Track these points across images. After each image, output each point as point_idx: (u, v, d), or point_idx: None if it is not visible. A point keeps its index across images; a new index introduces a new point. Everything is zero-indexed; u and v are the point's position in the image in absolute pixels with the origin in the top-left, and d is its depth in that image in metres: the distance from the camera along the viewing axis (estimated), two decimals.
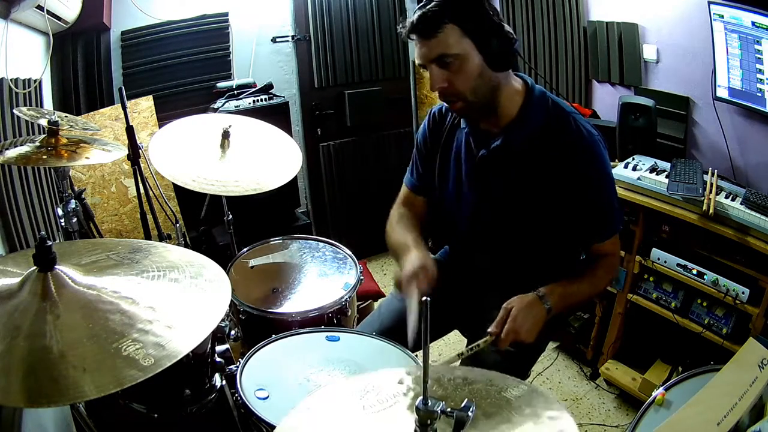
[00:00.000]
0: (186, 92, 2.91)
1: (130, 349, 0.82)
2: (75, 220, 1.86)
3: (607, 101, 2.81)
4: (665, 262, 2.19)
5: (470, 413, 0.78)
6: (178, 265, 1.05)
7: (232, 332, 1.49)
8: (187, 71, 2.89)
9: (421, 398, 0.77)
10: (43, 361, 0.78)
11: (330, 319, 1.69)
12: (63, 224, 1.87)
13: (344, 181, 3.53)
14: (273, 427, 1.05)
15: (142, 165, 1.88)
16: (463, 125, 1.46)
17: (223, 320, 1.43)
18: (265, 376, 1.28)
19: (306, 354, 1.37)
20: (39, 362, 0.78)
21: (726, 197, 2.03)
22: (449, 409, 0.78)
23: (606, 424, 2.33)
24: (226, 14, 2.94)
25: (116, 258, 1.04)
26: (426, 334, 0.75)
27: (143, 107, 2.72)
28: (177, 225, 2.00)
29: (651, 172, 2.23)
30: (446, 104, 1.40)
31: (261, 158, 1.88)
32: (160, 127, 2.04)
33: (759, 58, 2.05)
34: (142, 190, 1.96)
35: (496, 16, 1.27)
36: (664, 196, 2.12)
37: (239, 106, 2.74)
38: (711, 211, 1.96)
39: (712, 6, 2.13)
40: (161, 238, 2.13)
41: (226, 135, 1.85)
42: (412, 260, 1.36)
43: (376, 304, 2.76)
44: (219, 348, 1.35)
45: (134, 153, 1.82)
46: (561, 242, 1.47)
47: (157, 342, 0.84)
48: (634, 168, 2.28)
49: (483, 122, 1.41)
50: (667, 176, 2.17)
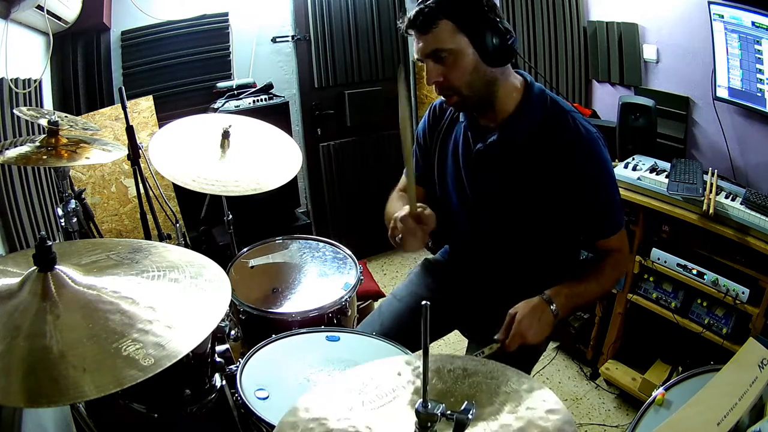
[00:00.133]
0: (186, 92, 2.91)
1: (130, 349, 0.82)
2: (75, 220, 1.86)
3: (607, 101, 2.81)
4: (665, 262, 2.19)
5: (470, 416, 0.78)
6: (178, 265, 1.05)
7: (232, 332, 1.49)
8: (187, 71, 2.89)
9: (421, 401, 0.77)
10: (43, 361, 0.78)
11: (330, 319, 1.69)
12: (63, 224, 1.87)
13: (344, 181, 3.52)
14: (273, 427, 1.05)
15: (142, 165, 1.88)
16: (462, 119, 1.47)
17: (223, 320, 1.43)
18: (265, 376, 1.28)
19: (306, 354, 1.37)
20: (39, 362, 0.78)
21: (726, 197, 2.03)
22: (449, 412, 0.78)
23: (606, 424, 2.33)
24: (226, 14, 2.95)
25: (116, 258, 1.04)
26: (426, 336, 0.75)
27: (143, 107, 2.72)
28: (177, 225, 2.00)
29: (651, 172, 2.23)
30: (443, 98, 1.40)
31: (261, 158, 1.88)
32: (160, 127, 2.04)
33: (759, 58, 2.05)
34: (142, 190, 1.96)
35: (493, 12, 1.28)
36: (664, 196, 2.12)
37: (239, 106, 2.74)
38: (711, 211, 1.96)
39: (712, 6, 2.13)
40: (161, 238, 2.13)
41: (226, 135, 1.85)
42: (408, 207, 1.31)
43: (376, 304, 2.76)
44: (219, 348, 1.35)
45: (134, 153, 1.83)
46: (560, 239, 1.47)
47: (157, 342, 0.84)
48: (634, 168, 2.28)
49: (481, 117, 1.42)
50: (667, 176, 2.17)
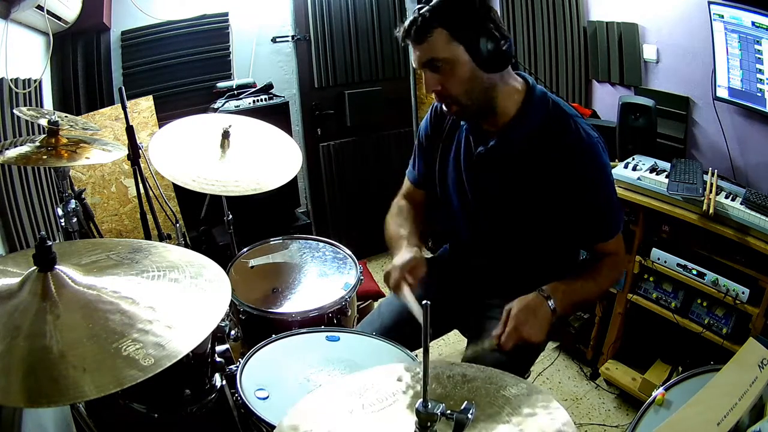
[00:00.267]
0: (186, 92, 2.91)
1: (130, 349, 0.82)
2: (75, 220, 1.86)
3: (607, 101, 2.81)
4: (665, 262, 2.19)
5: (470, 415, 0.78)
6: (178, 265, 1.05)
7: (232, 332, 1.49)
8: (187, 71, 2.89)
9: (421, 401, 0.77)
10: (43, 361, 0.78)
11: (330, 319, 1.69)
12: (63, 224, 1.87)
13: (344, 181, 3.52)
14: (273, 427, 1.05)
15: (142, 165, 1.88)
16: (463, 122, 1.47)
17: (223, 320, 1.43)
18: (265, 376, 1.28)
19: (306, 354, 1.37)
20: (39, 362, 0.78)
21: (726, 197, 2.03)
22: (449, 412, 0.78)
23: (606, 424, 2.33)
24: (226, 14, 2.94)
25: (116, 258, 1.04)
26: (426, 336, 0.75)
27: (143, 107, 2.72)
28: (177, 225, 2.00)
29: (651, 172, 2.23)
30: (444, 107, 1.39)
31: (261, 158, 1.88)
32: (160, 127, 2.04)
33: (759, 58, 2.05)
34: (142, 190, 1.96)
35: (488, 17, 1.25)
36: (664, 196, 2.12)
37: (239, 106, 2.74)
38: (711, 211, 1.96)
39: (712, 6, 2.13)
40: (161, 238, 2.13)
41: (226, 135, 1.85)
42: (402, 255, 1.42)
43: (376, 304, 2.76)
44: (219, 348, 1.35)
45: (134, 153, 1.82)
46: (560, 242, 1.47)
47: (157, 342, 0.84)
48: (634, 168, 2.28)
49: (482, 121, 1.41)
50: (667, 176, 2.17)
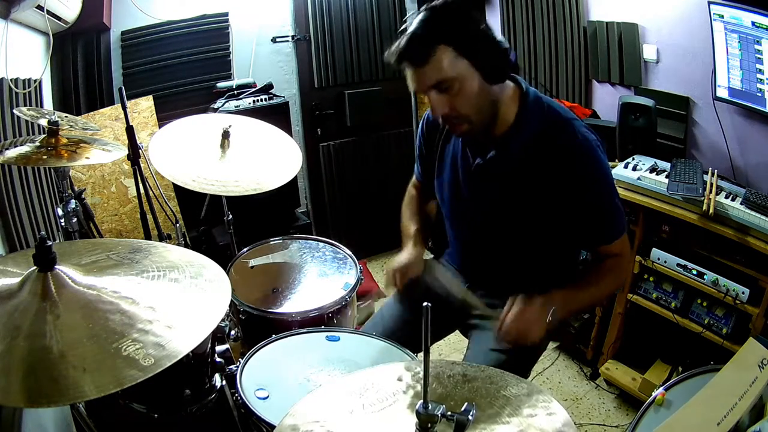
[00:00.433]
0: (186, 92, 2.91)
1: (130, 349, 0.82)
2: (75, 220, 1.86)
3: (607, 101, 2.81)
4: (665, 262, 2.19)
5: (470, 417, 0.78)
6: (178, 265, 1.05)
7: (232, 332, 1.49)
8: (187, 71, 2.89)
9: (422, 402, 0.77)
10: (43, 361, 0.78)
11: (330, 319, 1.69)
12: (63, 224, 1.87)
13: (344, 181, 3.52)
14: (273, 427, 1.05)
15: (142, 165, 1.88)
16: None
17: (223, 320, 1.43)
18: (265, 376, 1.28)
19: (306, 354, 1.37)
20: (39, 362, 0.78)
21: (726, 197, 2.03)
22: (450, 413, 0.78)
23: (606, 424, 2.33)
24: (226, 14, 2.95)
25: (116, 258, 1.04)
26: (427, 338, 0.75)
27: (143, 107, 2.72)
28: (177, 225, 2.00)
29: (651, 172, 2.23)
30: (449, 128, 1.34)
31: (261, 158, 1.88)
32: (160, 127, 2.04)
33: (759, 58, 2.05)
34: (142, 190, 1.96)
35: (484, 25, 1.21)
36: (664, 196, 2.12)
37: (239, 106, 2.74)
38: (711, 211, 1.95)
39: (712, 6, 2.13)
40: (161, 238, 2.13)
41: (226, 135, 1.85)
42: (401, 255, 1.47)
43: (377, 305, 2.77)
44: (219, 348, 1.35)
45: (134, 153, 1.82)
46: (561, 245, 1.47)
47: (157, 342, 0.84)
48: (634, 168, 2.28)
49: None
50: (667, 176, 2.17)
